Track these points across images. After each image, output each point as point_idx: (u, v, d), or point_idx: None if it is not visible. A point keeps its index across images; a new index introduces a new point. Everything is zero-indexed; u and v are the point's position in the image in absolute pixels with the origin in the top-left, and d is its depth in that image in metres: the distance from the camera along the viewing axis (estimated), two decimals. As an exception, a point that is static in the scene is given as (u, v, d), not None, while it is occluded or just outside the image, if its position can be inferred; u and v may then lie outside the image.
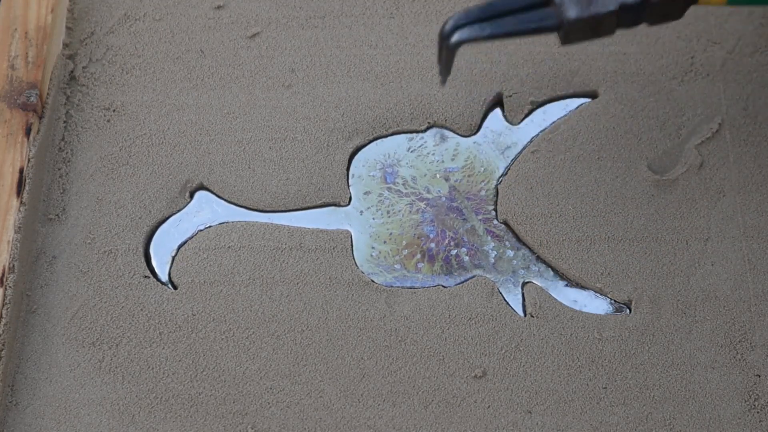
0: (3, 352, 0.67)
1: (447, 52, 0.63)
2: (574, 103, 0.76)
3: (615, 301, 0.70)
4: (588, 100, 0.76)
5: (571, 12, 0.62)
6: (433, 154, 0.75)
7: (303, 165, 0.75)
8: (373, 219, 0.73)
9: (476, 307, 0.70)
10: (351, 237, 0.72)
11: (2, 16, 0.77)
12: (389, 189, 0.74)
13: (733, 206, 0.72)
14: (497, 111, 0.76)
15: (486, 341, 0.69)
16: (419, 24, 0.79)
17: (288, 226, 0.73)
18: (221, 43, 0.79)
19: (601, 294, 0.70)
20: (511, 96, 0.76)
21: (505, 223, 0.73)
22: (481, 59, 0.78)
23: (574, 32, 0.63)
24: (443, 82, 0.65)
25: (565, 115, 0.74)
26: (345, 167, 0.74)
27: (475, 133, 0.75)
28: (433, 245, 0.72)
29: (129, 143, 0.75)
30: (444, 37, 0.63)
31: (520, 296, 0.70)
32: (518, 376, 0.68)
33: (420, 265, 0.72)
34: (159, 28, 0.80)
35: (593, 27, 0.63)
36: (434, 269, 0.71)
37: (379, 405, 0.67)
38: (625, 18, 0.64)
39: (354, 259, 0.72)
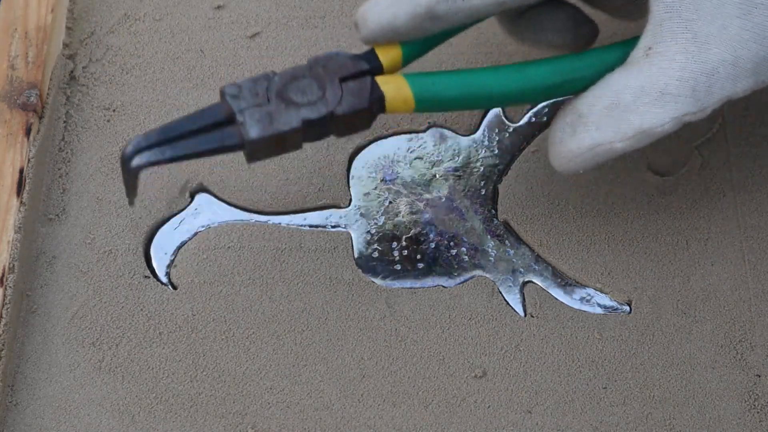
0: (3, 352, 0.67)
1: (128, 176, 0.62)
2: (574, 102, 0.76)
3: (615, 300, 0.70)
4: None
5: (253, 131, 0.61)
6: (433, 155, 0.75)
7: (303, 165, 0.75)
8: (373, 219, 0.73)
9: (476, 307, 0.70)
10: (351, 238, 0.72)
11: (2, 16, 0.77)
12: (389, 189, 0.74)
13: (733, 206, 0.72)
14: (497, 109, 0.76)
15: (486, 341, 0.69)
16: (419, 24, 0.79)
17: (288, 226, 0.73)
18: (221, 43, 0.79)
19: (601, 294, 0.70)
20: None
21: (505, 223, 0.73)
22: (480, 59, 0.78)
23: (257, 151, 0.62)
24: (131, 203, 0.64)
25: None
26: (345, 168, 0.75)
27: (474, 133, 0.75)
28: (433, 245, 0.72)
29: (129, 143, 0.75)
30: (124, 160, 0.61)
31: (520, 296, 0.70)
32: (518, 376, 0.68)
33: (420, 265, 0.72)
34: (159, 28, 0.80)
35: (278, 144, 0.63)
36: (434, 269, 0.71)
37: (379, 405, 0.67)
38: (311, 132, 0.63)
39: (354, 259, 0.72)
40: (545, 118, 0.76)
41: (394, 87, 0.64)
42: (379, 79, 0.64)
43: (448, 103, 0.65)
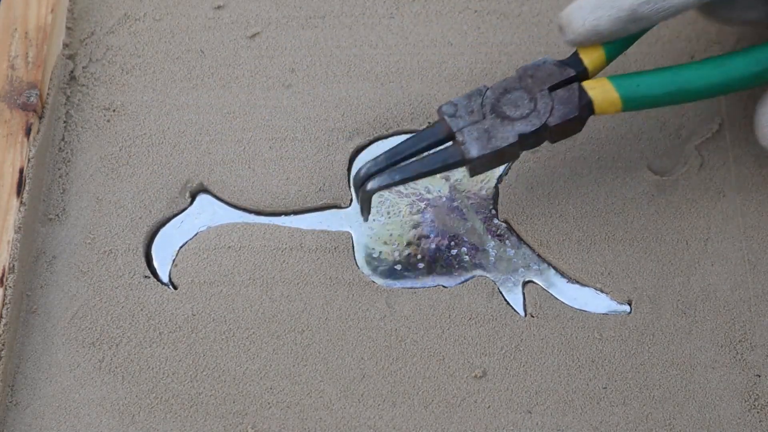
0: (3, 352, 0.67)
1: (363, 198, 0.68)
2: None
3: (615, 300, 0.70)
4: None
5: (473, 151, 0.66)
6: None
7: (303, 165, 0.75)
8: (374, 220, 0.73)
9: (476, 307, 0.70)
10: (352, 238, 0.72)
11: (2, 16, 0.77)
12: (389, 190, 0.74)
13: (733, 206, 0.72)
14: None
15: (486, 341, 0.69)
16: (419, 24, 0.79)
17: (289, 227, 0.73)
18: (221, 43, 0.79)
19: (601, 293, 0.70)
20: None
21: (506, 223, 0.73)
22: (481, 59, 0.78)
23: (479, 166, 0.67)
24: (365, 219, 0.70)
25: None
26: (346, 167, 0.75)
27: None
28: (433, 245, 0.72)
29: (129, 143, 0.75)
30: (358, 185, 0.67)
31: (520, 296, 0.70)
32: (518, 376, 0.68)
33: (420, 265, 0.72)
34: (159, 28, 0.80)
35: (497, 159, 0.67)
36: (435, 269, 0.71)
37: (379, 405, 0.67)
38: (527, 143, 0.67)
39: (355, 259, 0.72)
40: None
41: (601, 91, 0.67)
42: (586, 84, 0.67)
43: (654, 101, 0.68)
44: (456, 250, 0.72)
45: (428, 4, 0.80)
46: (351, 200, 0.74)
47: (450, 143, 0.68)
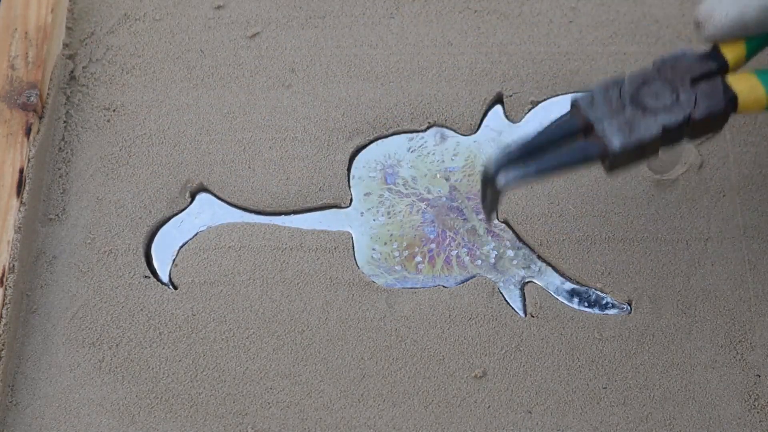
0: (3, 352, 0.67)
1: (493, 195, 0.61)
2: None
3: (615, 300, 0.70)
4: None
5: (616, 141, 0.61)
6: (434, 154, 0.75)
7: (303, 165, 0.75)
8: (374, 220, 0.73)
9: (476, 307, 0.70)
10: (352, 238, 0.72)
11: (2, 16, 0.77)
12: (390, 190, 0.74)
13: (733, 206, 0.72)
14: (498, 108, 0.76)
15: (486, 341, 0.69)
16: (419, 24, 0.79)
17: (289, 227, 0.73)
18: (221, 43, 0.79)
19: (601, 293, 0.70)
20: (511, 96, 0.76)
21: (506, 223, 0.73)
22: (481, 59, 0.78)
23: (619, 160, 0.62)
24: (489, 220, 0.65)
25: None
26: (346, 167, 0.75)
27: (475, 132, 0.75)
28: (433, 246, 0.72)
29: (129, 143, 0.75)
30: (488, 180, 0.61)
31: (520, 296, 0.70)
32: (518, 376, 0.68)
33: (421, 266, 0.72)
34: (159, 28, 0.80)
35: (638, 153, 0.62)
36: (435, 270, 0.71)
37: (379, 405, 0.67)
38: (669, 137, 0.62)
39: (355, 259, 0.72)
40: (546, 117, 0.76)
41: (747, 86, 0.62)
42: (729, 78, 0.63)
43: None
44: (456, 251, 0.72)
45: (428, 4, 0.80)
46: (351, 200, 0.74)
47: (585, 137, 0.62)
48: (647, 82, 0.62)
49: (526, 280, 0.71)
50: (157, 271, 0.72)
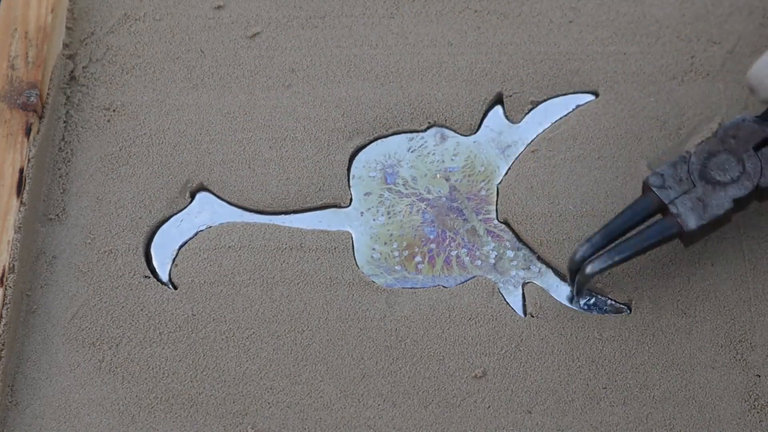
0: (3, 352, 0.67)
1: (581, 282, 0.67)
2: (574, 99, 0.76)
3: (615, 300, 0.70)
4: (590, 96, 0.76)
5: (691, 222, 0.65)
6: (434, 154, 0.75)
7: (303, 165, 0.75)
8: (374, 220, 0.73)
9: (476, 307, 0.70)
10: (352, 238, 0.72)
11: (2, 16, 0.77)
12: (390, 190, 0.74)
13: (733, 206, 0.72)
14: (498, 109, 0.76)
15: (486, 341, 0.69)
16: (419, 24, 0.79)
17: (289, 227, 0.73)
18: (221, 43, 0.79)
19: (601, 294, 0.70)
20: (511, 96, 0.76)
21: (506, 223, 0.73)
22: (481, 59, 0.78)
23: (696, 236, 0.66)
24: (578, 302, 0.69)
25: (566, 113, 0.74)
26: (345, 167, 0.75)
27: (475, 133, 0.75)
28: (433, 246, 0.72)
29: (129, 143, 0.75)
30: (575, 269, 0.66)
31: (520, 296, 0.70)
32: (518, 376, 0.68)
33: (420, 266, 0.72)
34: (159, 28, 0.80)
35: (714, 226, 0.66)
36: (435, 270, 0.71)
37: (379, 405, 0.67)
38: (739, 207, 0.66)
39: (355, 259, 0.72)
40: (545, 117, 0.76)
41: None
42: None
43: None
44: (456, 251, 0.72)
45: (428, 4, 0.80)
46: (350, 200, 0.74)
47: (660, 216, 0.66)
48: (713, 154, 0.66)
49: (527, 280, 0.71)
50: (157, 271, 0.72)
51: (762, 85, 0.65)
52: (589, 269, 0.66)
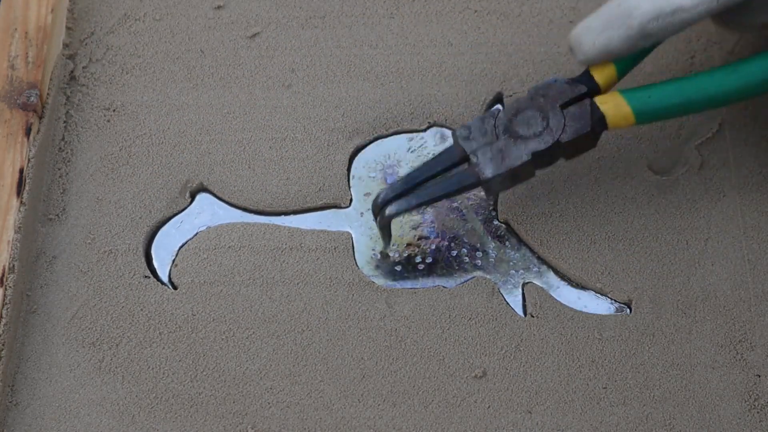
0: (3, 352, 0.67)
1: (382, 224, 0.69)
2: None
3: (615, 300, 0.70)
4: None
5: (488, 171, 0.67)
6: (434, 154, 0.75)
7: (303, 165, 0.75)
8: (374, 220, 0.73)
9: (476, 307, 0.70)
10: (352, 238, 0.72)
11: (2, 16, 0.77)
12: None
13: (733, 206, 0.72)
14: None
15: (486, 341, 0.69)
16: (419, 24, 0.79)
17: (289, 227, 0.73)
18: (221, 43, 0.79)
19: (601, 294, 0.70)
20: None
21: (506, 223, 0.73)
22: (481, 59, 0.78)
23: (494, 187, 0.68)
24: (386, 247, 0.71)
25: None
26: (345, 167, 0.75)
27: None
28: (433, 246, 0.72)
29: (129, 143, 0.75)
30: (376, 212, 0.68)
31: (520, 296, 0.70)
32: (518, 376, 0.68)
33: (420, 266, 0.72)
34: (159, 28, 0.80)
35: (512, 178, 0.67)
36: (435, 270, 0.71)
37: (379, 405, 0.67)
38: (541, 161, 0.68)
39: (355, 259, 0.72)
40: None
41: (613, 105, 0.67)
42: (597, 99, 0.68)
43: (667, 112, 0.68)
44: (456, 251, 0.72)
45: (428, 4, 0.80)
46: (351, 200, 0.74)
47: (465, 166, 0.68)
48: (521, 111, 0.68)
49: (527, 280, 0.71)
50: (157, 271, 0.72)
51: (580, 46, 0.67)
52: (388, 211, 0.68)
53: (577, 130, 0.67)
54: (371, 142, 0.76)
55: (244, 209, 0.74)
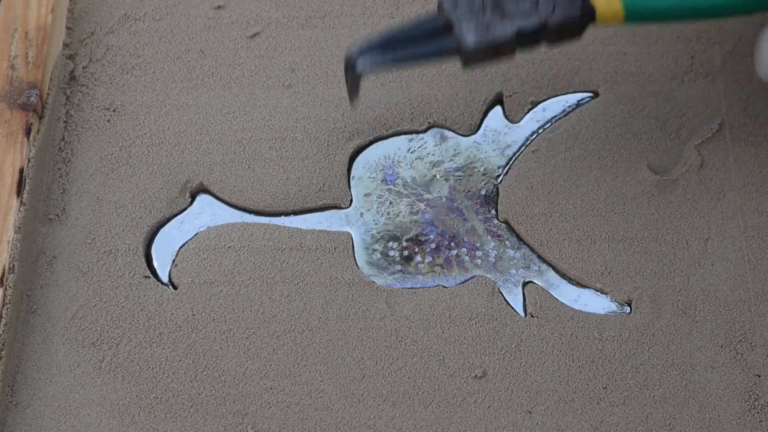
0: (3, 352, 0.67)
1: (352, 79, 0.67)
2: (574, 98, 0.76)
3: (615, 300, 0.70)
4: (589, 94, 0.76)
5: (469, 40, 0.66)
6: (434, 155, 0.75)
7: (303, 165, 0.75)
8: (374, 220, 0.73)
9: (476, 307, 0.70)
10: (352, 238, 0.72)
11: (2, 16, 0.77)
12: (389, 190, 0.74)
13: (733, 206, 0.72)
14: (497, 109, 0.76)
15: (486, 341, 0.69)
16: (419, 24, 0.79)
17: (289, 227, 0.73)
18: (221, 43, 0.79)
19: (601, 293, 0.70)
20: (511, 96, 0.76)
21: (506, 223, 0.73)
22: (481, 59, 0.78)
23: (473, 58, 0.66)
24: (352, 105, 0.70)
25: (566, 112, 0.74)
26: (345, 167, 0.75)
27: (475, 133, 0.75)
28: (433, 246, 0.72)
29: (129, 143, 0.75)
30: (348, 64, 0.66)
31: (520, 296, 0.70)
32: (518, 376, 0.68)
33: (420, 266, 0.72)
34: (159, 28, 0.80)
35: (492, 52, 0.66)
36: (435, 270, 0.71)
37: (379, 405, 0.67)
38: (524, 41, 0.67)
39: (355, 259, 0.72)
40: (545, 117, 0.76)
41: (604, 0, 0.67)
42: None
43: (658, 14, 0.67)
44: (456, 251, 0.72)
45: (428, 4, 0.80)
46: (351, 200, 0.74)
47: (446, 34, 0.67)
48: None
49: (526, 280, 0.71)
50: (157, 271, 0.72)
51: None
52: (361, 62, 0.66)
53: (565, 15, 0.66)
54: (371, 142, 0.76)
55: (244, 209, 0.74)
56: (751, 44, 0.77)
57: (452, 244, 0.72)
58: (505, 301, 0.70)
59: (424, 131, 0.76)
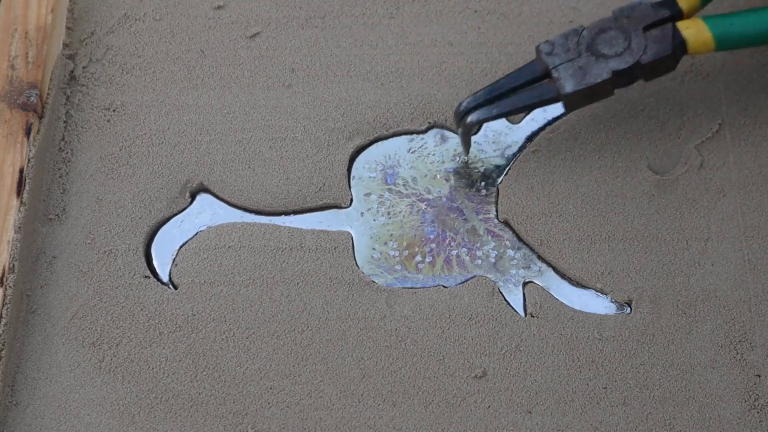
0: (3, 352, 0.67)
1: (464, 132, 0.71)
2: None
3: (615, 300, 0.70)
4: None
5: (568, 86, 0.69)
6: (434, 155, 0.75)
7: (303, 165, 0.75)
8: (374, 220, 0.73)
9: (476, 307, 0.70)
10: (352, 238, 0.72)
11: (2, 16, 0.77)
12: (390, 190, 0.74)
13: (733, 206, 0.72)
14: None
15: (486, 341, 0.69)
16: (419, 24, 0.79)
17: (289, 227, 0.73)
18: (221, 43, 0.79)
19: (601, 293, 0.70)
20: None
21: (506, 223, 0.73)
22: (481, 59, 0.78)
23: (573, 102, 0.70)
24: (466, 154, 0.73)
25: (566, 113, 0.74)
26: (345, 167, 0.75)
27: (475, 133, 0.75)
28: (433, 246, 0.72)
29: (129, 143, 0.75)
30: (459, 119, 0.70)
31: (520, 296, 0.70)
32: (518, 376, 0.68)
33: (421, 266, 0.72)
34: (159, 28, 0.80)
35: (591, 95, 0.70)
36: (435, 270, 0.71)
37: (379, 405, 0.67)
38: (621, 81, 0.70)
39: (355, 259, 0.72)
40: (545, 118, 0.76)
41: (694, 31, 0.69)
42: (679, 24, 0.70)
43: (748, 41, 0.70)
44: (456, 251, 0.72)
45: (428, 4, 0.80)
46: (351, 200, 0.74)
47: (545, 80, 0.70)
48: (604, 30, 0.70)
49: (527, 280, 0.71)
50: (157, 271, 0.72)
51: None
52: (470, 118, 0.70)
53: (658, 52, 0.69)
54: (371, 142, 0.76)
55: (244, 209, 0.74)
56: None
57: (452, 243, 0.72)
58: (505, 301, 0.70)
59: (424, 131, 0.76)
